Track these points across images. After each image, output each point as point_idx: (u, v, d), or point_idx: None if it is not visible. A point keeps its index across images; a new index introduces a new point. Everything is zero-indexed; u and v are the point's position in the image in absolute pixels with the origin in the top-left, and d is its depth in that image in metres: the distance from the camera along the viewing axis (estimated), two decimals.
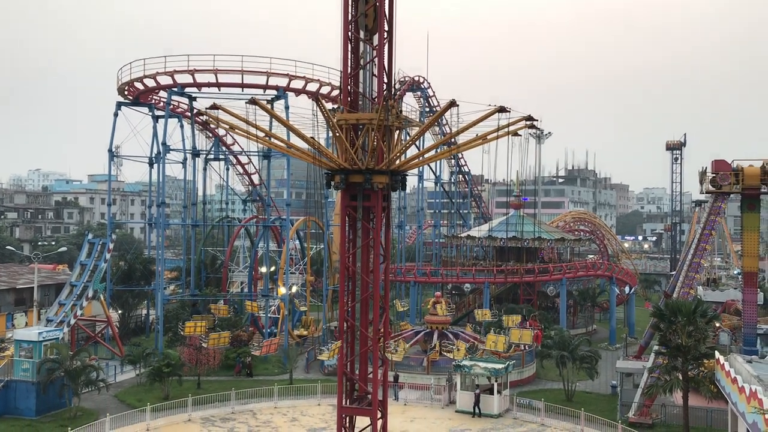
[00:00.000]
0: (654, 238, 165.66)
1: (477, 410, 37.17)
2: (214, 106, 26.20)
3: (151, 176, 60.84)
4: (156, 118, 58.11)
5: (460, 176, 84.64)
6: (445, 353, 38.65)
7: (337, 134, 25.17)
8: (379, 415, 26.16)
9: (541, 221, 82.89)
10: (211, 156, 61.42)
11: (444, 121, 78.03)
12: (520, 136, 25.27)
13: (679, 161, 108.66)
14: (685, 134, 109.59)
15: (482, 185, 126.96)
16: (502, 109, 22.90)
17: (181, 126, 61.26)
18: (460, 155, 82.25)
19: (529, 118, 23.72)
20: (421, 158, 28.84)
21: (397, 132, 26.03)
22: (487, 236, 67.83)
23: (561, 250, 76.69)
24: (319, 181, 57.54)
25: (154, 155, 58.92)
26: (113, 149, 58.90)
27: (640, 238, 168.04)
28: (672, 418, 36.92)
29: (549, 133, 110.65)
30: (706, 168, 42.64)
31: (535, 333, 37.87)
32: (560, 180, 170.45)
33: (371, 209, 25.78)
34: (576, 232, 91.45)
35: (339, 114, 25.37)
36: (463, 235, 73.96)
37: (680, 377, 34.75)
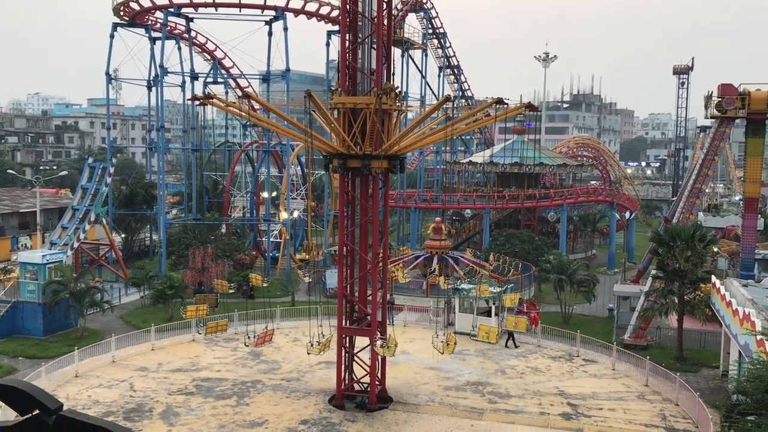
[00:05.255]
0: (657, 164, 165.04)
1: (511, 343, 36.88)
2: (209, 95, 26.35)
3: (150, 100, 60.24)
4: (153, 40, 57.02)
5: (463, 101, 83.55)
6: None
7: (332, 124, 25.02)
8: (378, 335, 26.71)
9: (544, 147, 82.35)
10: (210, 79, 60.51)
11: (447, 44, 76.52)
12: (523, 114, 27.47)
13: (685, 86, 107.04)
14: (692, 58, 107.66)
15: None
16: (500, 101, 23.72)
17: (179, 48, 60.16)
18: (463, 79, 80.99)
19: (529, 105, 25.17)
20: (420, 141, 28.43)
21: (396, 113, 25.83)
22: (488, 162, 67.51)
23: (563, 175, 76.44)
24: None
25: (152, 78, 58.13)
26: (111, 72, 58.05)
27: (644, 164, 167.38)
28: (666, 340, 37.65)
29: (554, 56, 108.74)
30: (712, 92, 41.93)
31: (533, 316, 37.84)
32: (565, 105, 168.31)
33: None
34: (579, 158, 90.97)
35: (337, 97, 25.04)
36: (464, 161, 73.64)
37: (676, 301, 35.25)
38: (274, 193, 61.53)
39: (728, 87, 40.98)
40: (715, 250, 46.71)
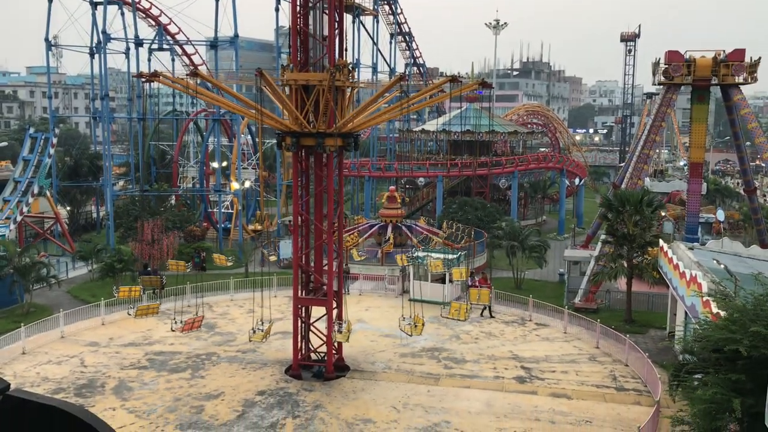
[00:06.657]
0: (605, 131, 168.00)
1: (489, 314, 36.63)
2: (156, 73, 25.62)
3: (92, 68, 58.15)
4: (95, 5, 54.80)
5: (416, 69, 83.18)
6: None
7: (284, 102, 24.52)
8: (334, 305, 26.63)
9: (495, 115, 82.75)
10: (155, 46, 58.68)
11: (398, 10, 75.77)
12: (479, 90, 27.91)
13: (632, 53, 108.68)
14: (639, 25, 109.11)
15: (437, 78, 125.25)
16: (454, 79, 23.81)
17: (122, 14, 58.04)
18: (415, 46, 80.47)
19: (483, 82, 25.41)
20: (374, 119, 28.12)
21: (350, 90, 25.41)
22: (441, 130, 67.56)
23: (514, 143, 77.12)
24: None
25: (94, 45, 56.04)
26: (51, 39, 55.75)
27: (591, 130, 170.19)
28: (616, 303, 38.59)
29: (505, 23, 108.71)
30: (659, 59, 42.62)
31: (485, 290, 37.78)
32: (515, 73, 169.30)
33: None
34: (529, 125, 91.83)
35: (288, 73, 24.41)
36: (417, 129, 73.51)
37: (625, 264, 36.07)
38: (225, 163, 60.45)
39: (675, 54, 41.69)
40: (663, 214, 47.91)
